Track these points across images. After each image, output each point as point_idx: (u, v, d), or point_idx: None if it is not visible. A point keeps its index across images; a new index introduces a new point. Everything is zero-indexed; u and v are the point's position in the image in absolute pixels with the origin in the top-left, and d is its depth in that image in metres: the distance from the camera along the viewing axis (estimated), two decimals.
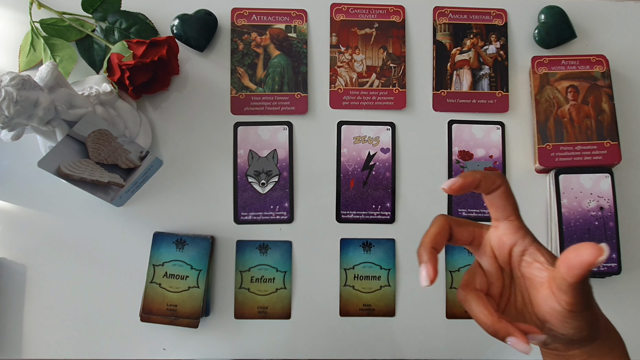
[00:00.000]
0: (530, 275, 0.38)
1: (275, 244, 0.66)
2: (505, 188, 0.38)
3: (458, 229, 0.39)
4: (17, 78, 0.49)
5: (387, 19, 0.71)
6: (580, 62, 0.69)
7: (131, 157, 0.61)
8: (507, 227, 0.38)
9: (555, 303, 0.35)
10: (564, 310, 0.35)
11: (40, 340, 0.64)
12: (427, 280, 0.36)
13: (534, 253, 0.38)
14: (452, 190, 0.37)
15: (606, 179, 0.66)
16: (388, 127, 0.69)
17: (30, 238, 0.65)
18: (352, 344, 0.66)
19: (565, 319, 0.36)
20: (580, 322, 0.36)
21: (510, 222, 0.38)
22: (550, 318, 0.37)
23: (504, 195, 0.38)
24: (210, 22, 0.68)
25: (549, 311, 0.36)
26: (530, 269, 0.38)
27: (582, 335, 0.37)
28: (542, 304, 0.37)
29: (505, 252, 0.39)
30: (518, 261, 0.39)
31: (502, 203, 0.38)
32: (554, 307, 0.36)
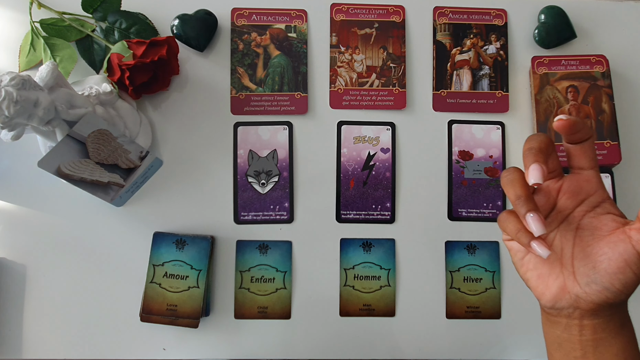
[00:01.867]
0: (599, 225, 0.39)
1: (275, 244, 0.66)
2: (593, 139, 0.40)
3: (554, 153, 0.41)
4: (17, 78, 0.49)
5: (387, 19, 0.71)
6: (580, 62, 0.69)
7: (131, 157, 0.61)
8: (591, 176, 0.40)
9: (630, 246, 0.36)
10: (634, 254, 0.36)
11: (40, 340, 0.64)
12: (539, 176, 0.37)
13: (611, 206, 0.40)
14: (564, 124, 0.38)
15: (606, 179, 0.66)
16: (388, 127, 0.69)
17: (30, 238, 0.65)
18: (352, 344, 0.66)
19: (627, 266, 0.37)
20: (635, 276, 0.37)
21: (595, 171, 0.40)
22: (606, 265, 0.37)
23: (592, 145, 0.40)
24: (210, 22, 0.68)
25: (611, 257, 0.37)
26: (600, 219, 0.39)
27: (621, 296, 0.37)
28: (603, 252, 0.38)
29: (578, 197, 0.40)
30: (587, 210, 0.40)
31: (592, 152, 0.40)
32: (624, 251, 0.37)
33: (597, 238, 0.39)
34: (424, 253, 0.67)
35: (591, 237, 0.39)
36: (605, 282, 0.37)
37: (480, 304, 0.66)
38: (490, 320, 0.66)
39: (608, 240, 0.38)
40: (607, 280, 0.37)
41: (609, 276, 0.37)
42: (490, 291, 0.66)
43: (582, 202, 0.40)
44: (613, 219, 0.39)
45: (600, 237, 0.39)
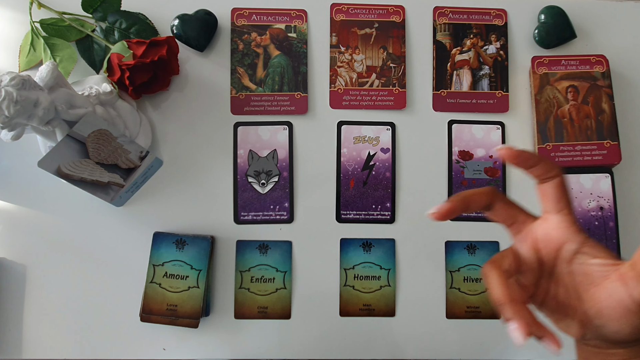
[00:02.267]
0: (589, 271, 0.36)
1: (275, 244, 0.66)
2: (560, 180, 0.37)
3: (500, 203, 0.38)
4: (17, 78, 0.49)
5: (387, 19, 0.71)
6: (580, 62, 0.69)
7: (131, 157, 0.61)
8: (558, 221, 0.37)
9: (626, 296, 0.34)
10: (634, 304, 0.34)
11: (40, 340, 0.64)
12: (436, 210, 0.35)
13: (593, 249, 0.37)
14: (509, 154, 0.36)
15: (606, 179, 0.66)
16: (388, 127, 0.69)
17: (30, 238, 0.65)
18: (352, 344, 0.66)
19: (629, 313, 0.35)
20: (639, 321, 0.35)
21: (563, 215, 0.37)
22: (607, 312, 0.35)
23: (558, 187, 0.37)
24: (210, 22, 0.68)
25: (610, 305, 0.35)
26: (588, 265, 0.36)
27: (636, 336, 0.36)
28: (601, 299, 0.36)
29: (553, 246, 0.37)
30: (569, 257, 0.37)
31: (556, 195, 0.37)
32: (621, 300, 0.35)
33: (592, 284, 0.36)
34: (424, 253, 0.67)
35: (587, 282, 0.37)
36: (614, 327, 0.36)
37: (480, 304, 0.66)
38: (490, 320, 0.66)
39: (603, 287, 0.36)
40: (616, 326, 0.36)
41: (615, 322, 0.35)
42: None
43: (560, 249, 0.37)
44: (601, 263, 0.36)
45: (595, 284, 0.36)
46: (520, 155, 0.36)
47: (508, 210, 0.38)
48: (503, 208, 0.38)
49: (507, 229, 0.40)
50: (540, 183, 0.37)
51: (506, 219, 0.39)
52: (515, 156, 0.36)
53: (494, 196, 0.37)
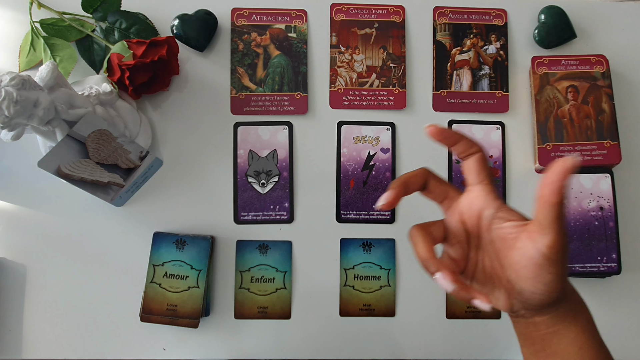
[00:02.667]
0: (503, 235, 0.39)
1: (275, 244, 0.66)
2: (481, 155, 0.41)
3: (433, 181, 0.42)
4: (17, 78, 0.49)
5: (387, 19, 0.71)
6: (580, 62, 0.69)
7: (131, 157, 0.61)
8: (479, 190, 0.41)
9: (534, 251, 0.37)
10: (542, 257, 0.36)
11: (40, 340, 0.64)
12: (384, 201, 0.41)
13: (506, 213, 0.40)
14: (434, 131, 0.40)
15: (606, 179, 0.66)
16: (388, 127, 0.69)
17: (30, 238, 0.65)
18: (352, 344, 0.66)
19: (540, 270, 0.37)
20: (552, 275, 0.37)
21: (483, 185, 0.41)
22: (523, 273, 0.38)
23: (479, 161, 0.41)
24: (210, 22, 0.68)
25: (524, 264, 0.38)
26: (502, 229, 0.39)
27: (551, 295, 0.38)
28: (516, 260, 0.38)
29: (474, 214, 0.41)
30: (488, 224, 0.40)
31: (477, 168, 0.41)
32: (532, 256, 0.37)
33: (508, 247, 0.39)
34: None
35: (504, 247, 0.39)
36: (531, 287, 0.38)
37: None
38: (490, 320, 0.66)
39: (516, 248, 0.38)
40: (531, 286, 0.38)
41: (530, 282, 0.38)
42: None
43: (480, 217, 0.41)
44: (513, 225, 0.39)
45: (510, 246, 0.39)
46: (444, 132, 0.40)
47: (440, 188, 0.42)
48: (436, 186, 0.42)
49: (440, 206, 0.43)
50: (464, 159, 0.41)
51: (438, 196, 0.43)
52: (438, 133, 0.40)
53: (428, 175, 0.42)
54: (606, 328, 0.66)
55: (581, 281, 0.66)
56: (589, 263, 0.64)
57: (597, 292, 0.66)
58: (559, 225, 0.36)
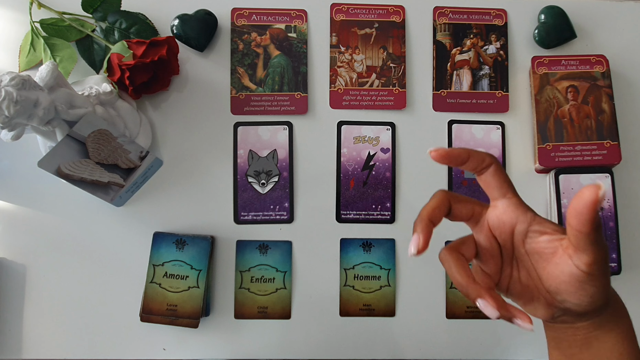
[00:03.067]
0: (539, 249, 0.37)
1: (275, 244, 0.66)
2: (496, 166, 0.38)
3: (457, 205, 0.39)
4: (17, 78, 0.49)
5: (387, 19, 0.71)
6: (580, 62, 0.69)
7: (131, 157, 0.61)
8: (505, 205, 0.38)
9: (574, 268, 0.35)
10: (582, 274, 0.35)
11: (40, 340, 0.64)
12: (415, 249, 0.37)
13: (540, 226, 0.37)
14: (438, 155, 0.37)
15: (606, 179, 0.66)
16: (388, 127, 0.69)
17: (30, 238, 0.65)
18: (352, 344, 0.66)
19: (582, 284, 0.35)
20: (595, 288, 0.36)
21: (508, 199, 0.38)
22: (564, 287, 0.36)
23: (496, 173, 0.38)
24: (210, 22, 0.68)
25: (564, 280, 0.36)
26: (537, 243, 0.37)
27: (596, 304, 0.37)
28: (555, 275, 0.36)
29: (506, 230, 0.39)
30: (522, 238, 0.38)
31: (496, 182, 0.38)
32: (572, 273, 0.35)
33: (545, 261, 0.37)
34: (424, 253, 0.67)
35: (541, 260, 0.38)
36: (573, 300, 0.37)
37: None
38: (490, 320, 0.66)
39: (555, 263, 0.37)
40: (574, 298, 0.37)
41: (572, 295, 0.36)
42: None
43: (513, 232, 0.38)
44: (549, 239, 0.37)
45: (547, 260, 0.37)
46: (450, 154, 0.37)
47: (465, 208, 0.39)
48: (460, 209, 0.39)
49: (467, 224, 0.41)
50: (478, 175, 0.38)
51: (464, 217, 0.40)
52: (445, 156, 0.37)
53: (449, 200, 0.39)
54: None
55: None
56: None
57: None
58: (595, 248, 0.34)
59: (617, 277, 0.65)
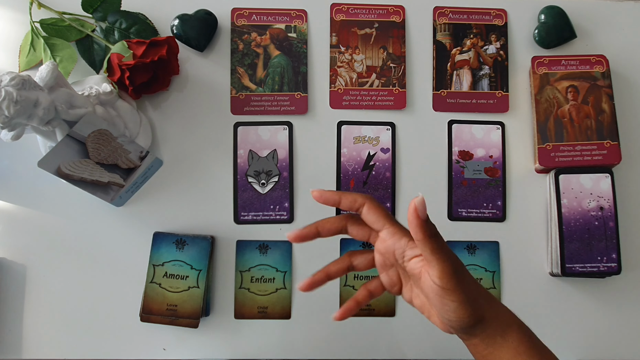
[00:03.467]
0: (412, 270, 0.42)
1: (275, 244, 0.66)
2: (370, 204, 0.42)
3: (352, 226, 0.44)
4: (17, 78, 0.49)
5: (387, 19, 0.71)
6: (580, 62, 0.69)
7: (131, 157, 0.61)
8: (385, 235, 0.42)
9: (431, 282, 0.39)
10: (438, 288, 0.39)
11: (40, 340, 0.64)
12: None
13: (412, 250, 0.41)
14: (316, 196, 0.43)
15: (606, 179, 0.66)
16: (388, 127, 0.69)
17: (30, 238, 0.65)
18: (352, 344, 0.66)
19: (442, 299, 0.39)
20: (456, 303, 0.39)
21: (387, 229, 0.42)
22: (433, 303, 0.40)
23: (370, 210, 0.42)
24: (210, 22, 0.68)
25: (430, 296, 0.40)
26: (410, 265, 0.42)
27: (463, 320, 0.39)
28: (426, 292, 0.41)
29: (390, 256, 0.43)
30: (401, 262, 0.42)
31: (373, 217, 0.42)
32: (432, 288, 0.39)
33: (417, 280, 0.42)
34: None
35: (416, 280, 0.42)
36: (443, 314, 0.40)
37: None
38: None
39: (423, 283, 0.41)
40: (443, 313, 0.40)
41: (440, 310, 0.40)
42: (490, 291, 0.66)
43: (395, 257, 0.43)
44: (417, 260, 0.41)
45: (418, 279, 0.41)
46: (323, 195, 0.43)
47: (360, 230, 0.44)
48: (356, 229, 0.44)
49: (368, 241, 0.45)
50: (360, 213, 0.43)
51: (363, 236, 0.44)
52: (318, 197, 0.43)
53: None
54: (606, 328, 0.66)
55: (581, 281, 0.66)
56: (589, 263, 0.64)
57: (597, 292, 0.66)
58: (439, 256, 0.38)
59: (617, 277, 0.65)
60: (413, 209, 0.37)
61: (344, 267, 0.45)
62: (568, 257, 0.64)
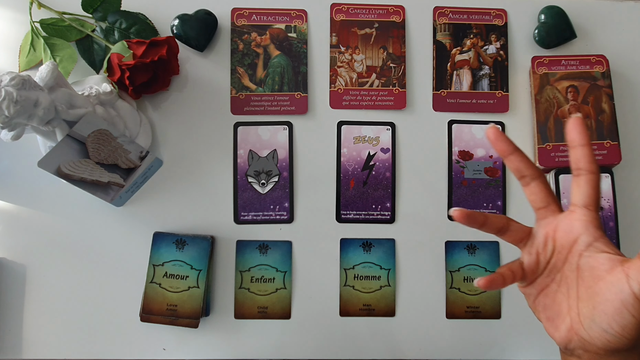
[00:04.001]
0: (594, 264, 0.38)
1: (275, 244, 0.66)
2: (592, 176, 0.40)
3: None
4: (17, 78, 0.49)
5: (387, 19, 0.71)
6: (580, 62, 0.69)
7: (131, 157, 0.61)
8: (583, 214, 0.39)
9: (626, 286, 0.35)
10: (632, 295, 0.35)
11: (40, 340, 0.64)
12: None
13: (604, 246, 0.38)
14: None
15: (606, 179, 0.66)
16: (388, 127, 0.69)
17: (30, 238, 0.65)
18: (352, 344, 0.66)
19: (623, 309, 0.35)
20: (633, 319, 0.35)
21: (588, 210, 0.39)
22: (603, 307, 0.36)
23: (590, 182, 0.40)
24: (210, 22, 0.68)
25: (608, 298, 0.36)
26: (596, 258, 0.38)
27: (621, 341, 0.36)
28: (601, 292, 0.37)
29: (571, 236, 0.40)
30: (582, 249, 0.39)
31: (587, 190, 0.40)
32: (621, 291, 0.35)
33: (596, 278, 0.37)
34: (424, 253, 0.67)
35: (590, 277, 0.38)
36: (604, 324, 0.36)
37: (480, 304, 0.66)
38: (490, 320, 0.66)
39: (606, 281, 0.37)
40: (605, 322, 0.36)
41: (606, 317, 0.36)
42: (490, 291, 0.66)
43: (576, 241, 0.39)
44: (609, 257, 0.38)
45: (598, 277, 0.37)
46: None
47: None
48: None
49: (536, 212, 0.42)
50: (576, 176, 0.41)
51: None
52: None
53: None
54: None
55: None
56: None
57: None
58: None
59: None
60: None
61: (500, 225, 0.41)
62: None
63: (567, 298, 0.39)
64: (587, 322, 0.37)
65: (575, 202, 0.40)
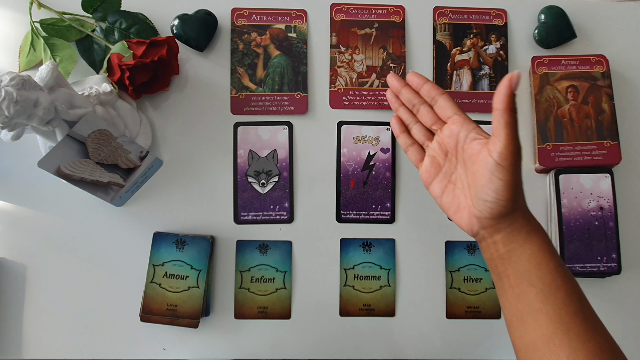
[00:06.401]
0: (472, 152, 0.46)
1: (275, 244, 0.66)
2: (447, 95, 0.52)
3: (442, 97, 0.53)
4: (17, 78, 0.49)
5: (387, 19, 0.71)
6: (580, 62, 0.69)
7: (131, 157, 0.61)
8: (457, 119, 0.50)
9: (488, 157, 0.43)
10: (493, 162, 0.42)
11: (40, 340, 0.64)
12: None
13: (477, 134, 0.47)
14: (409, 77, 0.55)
15: (606, 179, 0.66)
16: (388, 127, 0.69)
17: (30, 238, 0.65)
18: (352, 344, 0.66)
19: (491, 175, 0.42)
20: (501, 182, 0.42)
21: (458, 115, 0.50)
22: (479, 182, 0.44)
23: (448, 98, 0.52)
24: (210, 22, 0.68)
25: (481, 172, 0.44)
26: (471, 147, 0.47)
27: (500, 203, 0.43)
28: (476, 170, 0.45)
29: (453, 138, 0.50)
30: (462, 144, 0.48)
31: (449, 104, 0.51)
32: (486, 162, 0.43)
33: (474, 163, 0.46)
34: (424, 253, 0.67)
35: (471, 163, 0.46)
36: (483, 195, 0.44)
37: (480, 304, 0.66)
38: (490, 320, 0.66)
39: (478, 160, 0.45)
40: (483, 192, 0.43)
41: (482, 188, 0.44)
42: (490, 291, 0.66)
43: (457, 139, 0.49)
44: (479, 142, 0.46)
45: (474, 161, 0.45)
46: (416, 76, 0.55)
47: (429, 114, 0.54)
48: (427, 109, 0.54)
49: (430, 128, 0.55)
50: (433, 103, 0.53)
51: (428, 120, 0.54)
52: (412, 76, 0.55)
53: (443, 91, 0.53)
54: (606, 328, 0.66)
55: (581, 281, 0.66)
56: (589, 263, 0.64)
57: (597, 292, 0.66)
58: (508, 132, 0.41)
59: (617, 277, 0.65)
60: (508, 78, 0.41)
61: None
62: (568, 257, 0.64)
63: (462, 190, 0.48)
64: (475, 200, 0.45)
65: (448, 115, 0.51)
